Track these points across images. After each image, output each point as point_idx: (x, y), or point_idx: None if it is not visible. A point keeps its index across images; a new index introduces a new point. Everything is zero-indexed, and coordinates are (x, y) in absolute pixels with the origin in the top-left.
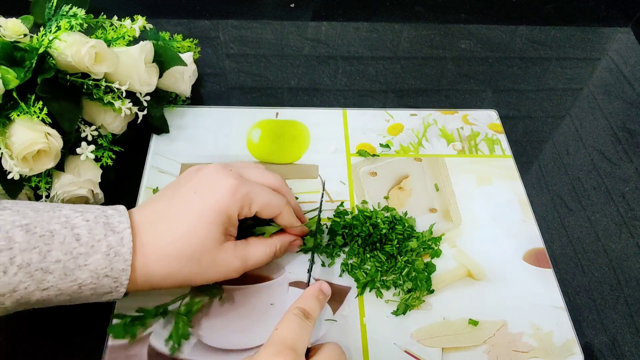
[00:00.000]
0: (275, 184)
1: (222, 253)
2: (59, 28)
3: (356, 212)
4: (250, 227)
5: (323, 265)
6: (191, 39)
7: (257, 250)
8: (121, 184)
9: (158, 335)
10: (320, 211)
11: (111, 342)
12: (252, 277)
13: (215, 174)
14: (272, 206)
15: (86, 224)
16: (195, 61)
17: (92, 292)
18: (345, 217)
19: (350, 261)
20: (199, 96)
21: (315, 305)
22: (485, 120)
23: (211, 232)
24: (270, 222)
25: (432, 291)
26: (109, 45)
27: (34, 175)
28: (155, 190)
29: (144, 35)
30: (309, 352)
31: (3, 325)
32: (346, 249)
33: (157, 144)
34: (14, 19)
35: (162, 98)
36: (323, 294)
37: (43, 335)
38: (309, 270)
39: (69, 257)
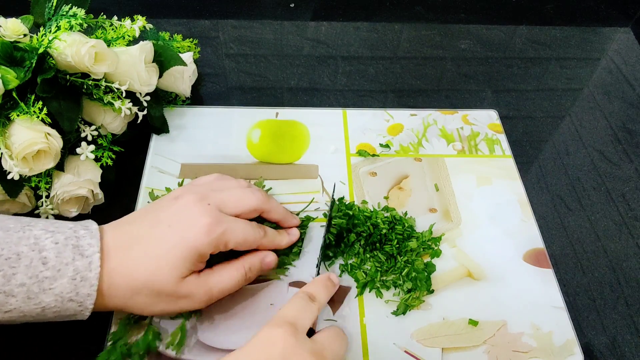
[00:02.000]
0: (255, 205)
1: (184, 286)
2: (58, 28)
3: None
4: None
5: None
6: (191, 39)
7: (222, 277)
8: (121, 184)
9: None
10: (330, 218)
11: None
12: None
13: (192, 208)
14: (248, 243)
15: (55, 247)
16: (195, 61)
17: (56, 314)
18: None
19: (350, 261)
20: (199, 96)
21: (321, 290)
22: (485, 120)
23: (177, 266)
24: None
25: (432, 291)
26: (108, 45)
27: (33, 176)
28: (152, 193)
29: (143, 35)
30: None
31: (2, 326)
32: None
33: (157, 144)
34: (13, 18)
35: (161, 98)
36: (331, 282)
37: (43, 336)
38: (318, 265)
39: (34, 280)
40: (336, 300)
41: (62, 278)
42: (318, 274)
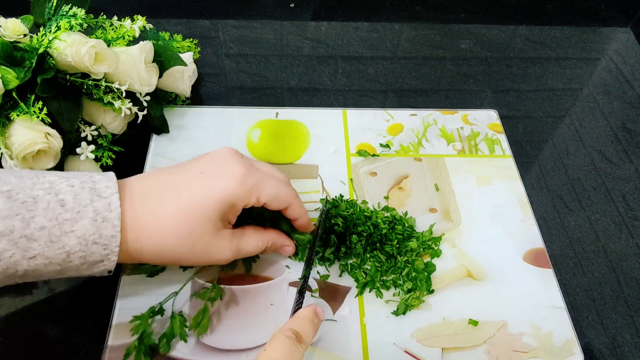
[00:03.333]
0: (289, 195)
1: (218, 241)
2: (58, 28)
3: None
4: (255, 216)
5: (321, 263)
6: (191, 39)
7: (251, 242)
8: None
9: (158, 335)
10: (319, 229)
11: (111, 342)
12: (251, 277)
13: (227, 158)
14: (281, 198)
15: (71, 189)
16: (195, 61)
17: (82, 260)
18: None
19: (350, 261)
20: (198, 96)
21: (309, 329)
22: (485, 120)
23: (211, 216)
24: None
25: (432, 291)
26: (108, 45)
27: None
28: None
29: (143, 36)
30: None
31: (3, 325)
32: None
33: (157, 144)
34: (13, 18)
35: (161, 98)
36: (317, 318)
37: (43, 335)
38: (303, 278)
39: (54, 223)
40: (336, 300)
41: (83, 220)
42: (302, 289)
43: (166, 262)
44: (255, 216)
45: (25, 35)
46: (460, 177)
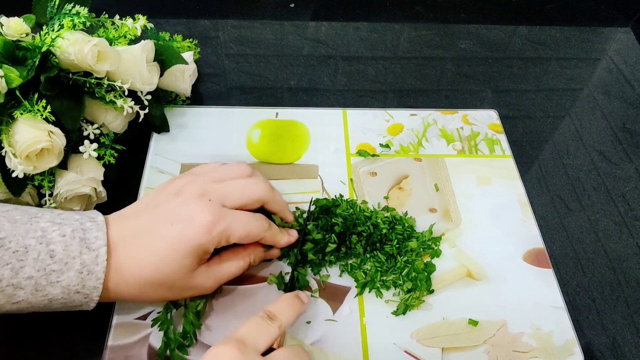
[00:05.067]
0: (259, 196)
1: (195, 279)
2: (61, 26)
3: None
4: None
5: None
6: (191, 39)
7: (232, 266)
8: (122, 183)
9: (158, 335)
10: (304, 233)
11: (111, 342)
12: (251, 277)
13: (193, 204)
14: (251, 236)
15: (62, 240)
16: (195, 61)
17: (62, 305)
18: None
19: (350, 261)
20: (199, 96)
21: (284, 308)
22: (485, 120)
23: (184, 264)
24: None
25: (432, 291)
26: (110, 44)
27: (37, 174)
28: None
29: (144, 35)
30: None
31: (2, 325)
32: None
33: (157, 144)
34: (16, 18)
35: (162, 97)
36: (299, 300)
37: (43, 336)
38: (290, 280)
39: (42, 273)
40: (336, 300)
41: (69, 271)
42: (292, 288)
43: (147, 303)
44: None
45: (27, 34)
46: (460, 177)
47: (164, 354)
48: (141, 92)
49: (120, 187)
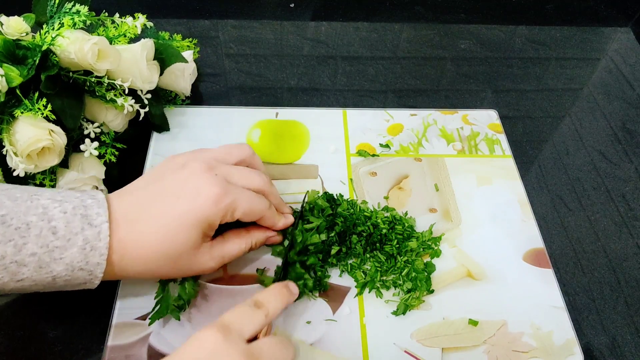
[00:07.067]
0: (259, 185)
1: (199, 256)
2: (62, 25)
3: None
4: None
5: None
6: (190, 39)
7: (233, 247)
8: (123, 182)
9: (158, 335)
10: (298, 219)
11: (111, 342)
12: (250, 277)
13: (200, 177)
14: (254, 212)
15: (63, 216)
16: (195, 61)
17: (66, 282)
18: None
19: (350, 261)
20: (198, 96)
21: (272, 297)
22: (485, 120)
23: (190, 237)
24: None
25: (432, 291)
26: (110, 43)
27: (38, 173)
28: None
29: (143, 35)
30: None
31: (3, 324)
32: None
33: (157, 144)
34: (15, 17)
35: (162, 96)
36: (287, 290)
37: (43, 335)
38: (281, 268)
39: (45, 250)
40: (336, 300)
41: (72, 247)
42: (284, 277)
43: (150, 278)
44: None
45: (27, 33)
46: (460, 177)
47: (156, 318)
48: (141, 90)
49: (122, 186)
